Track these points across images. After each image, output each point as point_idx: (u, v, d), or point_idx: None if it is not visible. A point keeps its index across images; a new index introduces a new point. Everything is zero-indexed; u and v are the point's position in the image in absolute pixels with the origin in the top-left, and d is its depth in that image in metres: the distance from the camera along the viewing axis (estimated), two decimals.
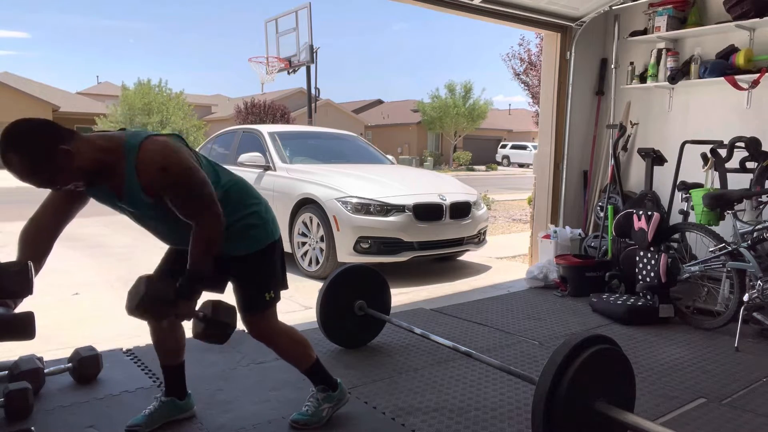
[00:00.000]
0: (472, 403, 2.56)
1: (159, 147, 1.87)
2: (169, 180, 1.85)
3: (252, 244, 2.14)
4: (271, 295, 2.18)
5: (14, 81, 29.63)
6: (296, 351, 2.32)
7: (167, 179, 1.85)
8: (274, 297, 2.20)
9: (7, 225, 7.32)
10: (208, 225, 1.93)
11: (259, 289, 2.17)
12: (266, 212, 2.20)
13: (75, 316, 3.87)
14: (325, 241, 4.99)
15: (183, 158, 1.89)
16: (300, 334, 2.36)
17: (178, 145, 1.94)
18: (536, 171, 5.68)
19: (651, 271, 3.87)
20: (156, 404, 2.31)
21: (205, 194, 1.92)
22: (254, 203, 2.17)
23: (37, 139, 1.73)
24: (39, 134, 1.74)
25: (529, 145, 35.35)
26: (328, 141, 6.94)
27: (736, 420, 2.43)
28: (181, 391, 2.36)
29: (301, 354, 2.33)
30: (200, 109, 34.11)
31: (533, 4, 4.86)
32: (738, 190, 3.74)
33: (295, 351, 2.32)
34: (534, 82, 19.21)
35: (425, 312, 4.06)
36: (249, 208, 2.14)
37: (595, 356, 1.91)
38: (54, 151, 1.73)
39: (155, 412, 2.29)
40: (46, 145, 1.73)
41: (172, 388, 2.35)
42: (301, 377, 2.66)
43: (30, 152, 1.71)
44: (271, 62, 13.44)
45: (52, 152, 1.73)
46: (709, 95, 4.69)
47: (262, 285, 2.17)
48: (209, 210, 1.92)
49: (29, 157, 1.71)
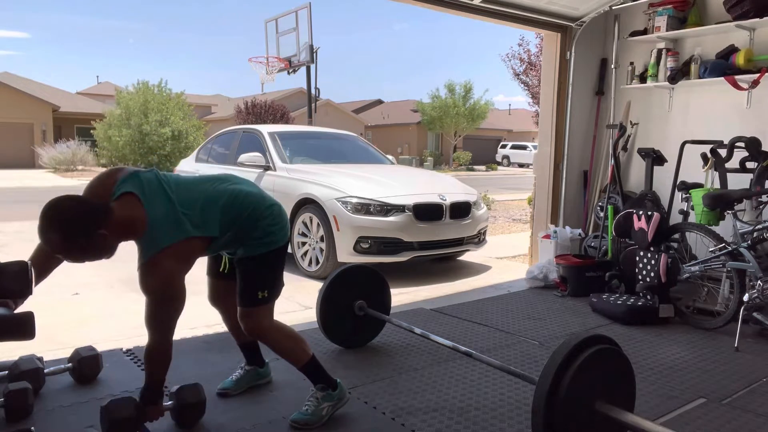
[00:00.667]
0: (472, 403, 2.56)
1: (160, 272, 1.99)
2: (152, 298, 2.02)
3: (253, 250, 2.25)
4: (264, 294, 2.26)
5: (14, 81, 29.60)
6: (289, 346, 2.36)
7: (148, 296, 2.02)
8: (268, 297, 2.28)
9: (8, 225, 7.33)
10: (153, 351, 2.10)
11: (254, 287, 2.26)
12: (275, 224, 2.27)
13: (75, 316, 3.87)
14: (325, 241, 4.99)
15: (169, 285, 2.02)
16: (293, 331, 2.42)
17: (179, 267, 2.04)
18: (536, 171, 5.68)
19: (651, 271, 3.87)
20: (241, 372, 2.67)
21: (165, 321, 2.06)
22: (264, 218, 2.24)
23: (77, 224, 1.86)
24: (80, 220, 1.87)
25: (529, 145, 35.35)
26: (328, 141, 6.94)
27: (736, 420, 2.43)
28: (260, 361, 2.71)
29: (294, 349, 2.37)
30: (200, 109, 34.08)
31: (533, 4, 4.85)
32: (738, 190, 3.74)
33: (288, 346, 2.36)
34: (534, 82, 19.22)
35: (425, 312, 4.06)
36: (258, 229, 2.22)
37: (595, 356, 1.91)
38: (92, 236, 1.89)
39: (241, 379, 2.65)
40: (84, 230, 1.87)
41: (252, 359, 2.69)
42: (301, 377, 2.66)
43: (69, 236, 1.86)
44: (271, 62, 13.43)
45: (89, 237, 1.88)
46: (709, 95, 4.69)
47: (257, 284, 2.26)
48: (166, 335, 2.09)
49: (68, 239, 1.86)
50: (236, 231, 2.20)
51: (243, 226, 2.21)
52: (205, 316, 3.46)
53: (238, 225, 2.19)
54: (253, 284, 2.26)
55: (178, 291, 2.05)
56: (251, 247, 2.25)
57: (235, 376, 2.66)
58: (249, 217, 2.21)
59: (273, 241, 2.26)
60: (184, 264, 2.07)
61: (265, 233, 2.24)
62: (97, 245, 1.92)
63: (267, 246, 2.26)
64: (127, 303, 4.19)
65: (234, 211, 2.19)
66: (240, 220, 2.19)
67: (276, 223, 2.28)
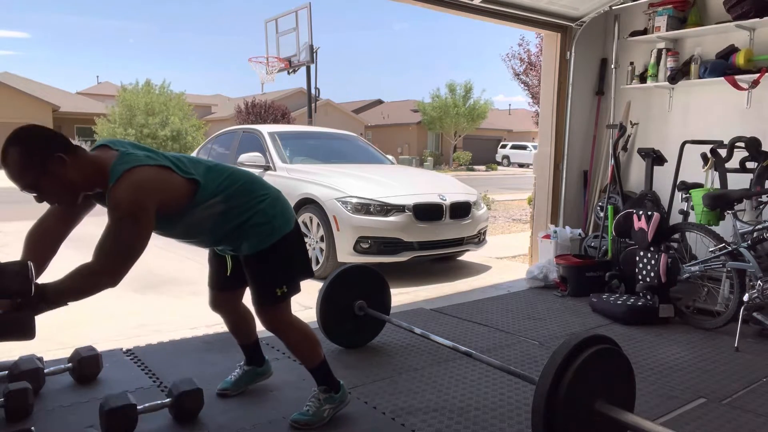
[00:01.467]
0: (472, 403, 2.56)
1: (129, 184, 1.83)
2: (115, 214, 1.82)
3: (256, 244, 2.15)
4: (283, 290, 2.20)
5: (14, 81, 29.63)
6: (306, 347, 2.33)
7: (114, 213, 1.82)
8: (287, 291, 2.22)
9: (7, 225, 7.33)
10: (95, 276, 1.82)
11: (269, 285, 2.19)
12: (272, 207, 2.18)
13: (75, 316, 3.87)
14: (325, 241, 4.99)
15: (139, 203, 1.83)
16: (311, 331, 2.37)
17: (152, 185, 1.88)
18: (536, 171, 5.67)
19: (651, 271, 3.87)
20: (239, 371, 2.65)
21: (121, 252, 1.83)
22: (259, 200, 2.15)
23: (38, 139, 1.80)
24: (41, 136, 1.81)
25: (529, 145, 35.36)
26: (328, 141, 6.94)
27: (736, 420, 2.43)
28: (259, 361, 2.68)
29: (310, 351, 2.34)
30: (200, 109, 34.10)
31: (533, 4, 4.85)
32: (738, 190, 3.74)
33: (305, 347, 2.33)
34: (534, 82, 19.21)
35: (425, 312, 4.06)
36: (253, 208, 2.13)
37: (595, 356, 1.91)
38: (49, 155, 1.78)
39: (240, 379, 2.63)
40: (43, 145, 1.79)
41: (251, 359, 2.67)
42: (301, 377, 2.67)
43: (27, 149, 1.76)
44: (271, 62, 13.44)
45: (47, 155, 1.78)
46: (709, 95, 4.69)
47: (271, 281, 2.18)
48: (109, 266, 1.83)
49: (26, 153, 1.76)
50: (226, 199, 2.07)
51: (234, 197, 2.09)
52: (205, 317, 3.46)
53: (228, 193, 2.08)
54: (270, 283, 2.19)
55: (147, 215, 1.84)
56: (253, 240, 2.14)
57: (234, 377, 2.65)
58: (242, 188, 2.12)
59: (273, 229, 2.15)
60: (160, 191, 1.89)
61: (265, 219, 2.14)
62: (55, 171, 1.79)
63: (269, 236, 2.15)
64: (127, 303, 4.19)
65: (226, 174, 2.12)
66: (232, 188, 2.09)
67: (273, 206, 2.18)
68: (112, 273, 1.83)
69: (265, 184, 2.27)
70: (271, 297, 2.19)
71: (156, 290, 4.62)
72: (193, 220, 2.06)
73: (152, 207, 1.87)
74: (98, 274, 1.82)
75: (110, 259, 1.83)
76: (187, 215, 2.03)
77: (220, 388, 2.60)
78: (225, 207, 2.08)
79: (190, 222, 2.06)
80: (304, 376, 2.65)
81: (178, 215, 2.02)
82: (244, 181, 2.16)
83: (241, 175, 2.19)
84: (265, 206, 2.16)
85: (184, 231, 2.13)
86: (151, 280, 4.84)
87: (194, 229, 2.12)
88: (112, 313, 3.97)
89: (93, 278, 1.82)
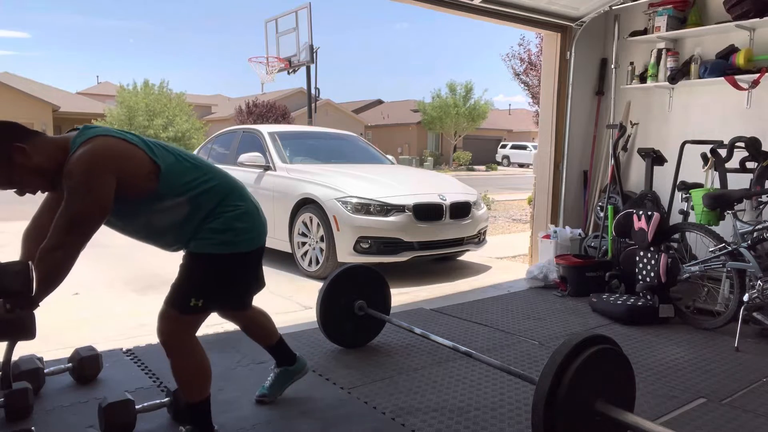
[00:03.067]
0: (472, 403, 2.56)
1: (84, 151, 1.76)
2: (68, 184, 1.75)
3: (203, 245, 1.98)
4: (197, 303, 1.96)
5: (14, 81, 29.62)
6: (192, 377, 2.04)
7: (67, 183, 1.75)
8: (200, 308, 1.98)
9: (8, 225, 7.33)
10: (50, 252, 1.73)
11: (187, 289, 1.98)
12: (237, 219, 2.01)
13: (75, 316, 3.87)
14: (325, 241, 4.99)
15: (93, 170, 1.74)
16: (209, 367, 2.07)
17: (109, 153, 1.80)
18: (536, 171, 5.68)
19: (651, 271, 3.87)
20: (273, 376, 2.54)
21: (75, 222, 1.73)
22: (228, 209, 2.00)
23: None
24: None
25: (529, 145, 35.35)
26: (328, 141, 6.94)
27: (736, 420, 2.43)
28: (289, 360, 2.56)
29: (197, 383, 2.05)
30: (200, 109, 34.12)
31: (533, 4, 4.85)
32: (738, 190, 3.74)
33: (191, 376, 2.04)
34: (534, 82, 19.20)
35: (425, 312, 4.06)
36: (217, 214, 1.98)
37: (595, 356, 1.91)
38: (8, 148, 1.74)
39: (275, 383, 2.53)
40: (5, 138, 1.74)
41: (281, 360, 2.55)
42: (303, 378, 2.66)
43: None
44: (271, 62, 13.44)
45: (5, 148, 1.74)
46: (709, 95, 4.69)
47: (191, 287, 1.98)
48: (62, 239, 1.73)
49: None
50: (192, 200, 1.93)
51: (201, 198, 1.94)
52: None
53: (195, 193, 1.93)
54: (189, 286, 1.97)
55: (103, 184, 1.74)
56: (202, 242, 1.97)
57: (269, 381, 2.54)
58: (213, 192, 1.97)
59: (232, 242, 1.98)
60: (117, 159, 1.79)
61: (225, 227, 1.96)
62: (18, 161, 1.75)
63: (221, 246, 1.97)
64: (127, 303, 4.20)
65: (201, 174, 1.97)
66: (200, 188, 1.94)
67: (244, 221, 2.01)
68: (67, 246, 1.74)
69: (245, 196, 2.08)
70: (182, 303, 1.96)
71: (156, 290, 4.62)
72: (156, 216, 1.94)
73: (109, 177, 1.76)
74: (53, 250, 1.73)
75: (63, 231, 1.73)
76: (149, 207, 1.91)
77: (258, 394, 2.50)
78: (189, 208, 1.94)
79: (152, 217, 1.94)
80: (305, 376, 2.66)
81: (139, 203, 1.89)
82: (218, 186, 2.00)
83: (218, 180, 2.03)
84: (230, 216, 1.99)
85: (146, 227, 1.99)
86: (152, 280, 4.83)
87: (156, 227, 1.98)
88: (112, 313, 3.97)
89: (50, 256, 1.73)
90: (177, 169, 1.93)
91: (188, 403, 2.08)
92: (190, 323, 2.02)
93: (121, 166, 1.81)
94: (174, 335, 1.99)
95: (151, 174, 1.87)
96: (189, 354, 2.03)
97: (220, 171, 2.10)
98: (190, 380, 2.05)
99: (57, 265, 1.75)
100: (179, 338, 2.00)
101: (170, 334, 1.98)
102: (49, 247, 1.74)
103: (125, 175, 1.81)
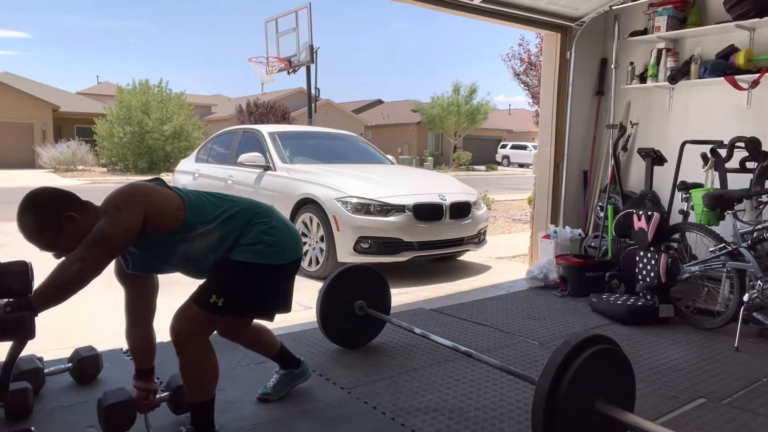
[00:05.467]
0: (472, 403, 2.56)
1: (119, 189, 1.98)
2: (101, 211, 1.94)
3: (237, 254, 2.08)
4: (218, 301, 2.02)
5: (14, 81, 29.58)
6: (201, 376, 2.08)
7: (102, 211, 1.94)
8: (220, 308, 2.03)
9: (8, 225, 7.33)
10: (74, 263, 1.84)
11: (212, 287, 2.06)
12: (266, 234, 2.11)
13: (75, 316, 3.87)
14: (325, 241, 4.99)
15: (125, 198, 1.95)
16: (217, 368, 2.13)
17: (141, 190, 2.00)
18: (536, 171, 5.68)
19: (651, 271, 3.87)
20: (277, 377, 2.59)
21: (103, 240, 1.88)
22: (258, 224, 2.13)
23: (48, 203, 1.91)
24: (51, 199, 1.92)
25: (529, 145, 35.35)
26: (328, 141, 6.94)
27: (736, 420, 2.43)
28: (293, 364, 2.62)
29: (204, 382, 2.09)
30: (200, 109, 34.09)
31: (533, 4, 4.85)
32: (738, 190, 3.74)
33: (199, 375, 2.08)
34: (534, 82, 19.21)
35: (425, 312, 4.06)
36: (247, 229, 2.11)
37: (595, 356, 1.91)
38: (61, 216, 1.89)
39: (279, 383, 2.57)
40: (54, 209, 1.89)
41: (285, 364, 2.60)
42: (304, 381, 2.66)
43: (40, 215, 1.88)
44: (271, 62, 13.44)
45: (59, 216, 1.89)
46: (709, 95, 4.69)
47: (216, 286, 2.06)
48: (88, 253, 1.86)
49: (39, 218, 1.87)
50: (220, 225, 2.06)
51: (230, 223, 2.08)
52: None
53: (224, 217, 2.07)
54: (215, 284, 2.06)
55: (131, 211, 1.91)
56: (237, 251, 2.07)
57: (273, 381, 2.58)
58: (240, 213, 2.11)
59: (264, 252, 2.08)
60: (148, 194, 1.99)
61: (256, 240, 2.08)
62: (68, 229, 1.90)
63: (256, 255, 2.07)
64: None
65: (226, 203, 2.14)
66: (227, 213, 2.09)
67: (272, 235, 2.11)
68: (86, 261, 1.85)
69: (272, 213, 2.20)
70: (204, 298, 2.03)
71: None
72: (191, 245, 2.05)
73: (138, 207, 1.94)
74: (72, 262, 1.84)
75: (85, 247, 1.86)
76: (183, 236, 2.03)
77: (260, 393, 2.54)
78: (220, 233, 2.06)
79: (188, 246, 2.05)
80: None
81: (174, 234, 2.01)
82: (245, 209, 2.14)
83: (245, 204, 2.18)
84: (259, 230, 2.10)
85: (185, 257, 2.08)
86: None
87: (194, 254, 2.08)
88: (111, 313, 3.97)
89: (73, 266, 1.84)
90: (202, 200, 2.11)
91: (192, 403, 2.11)
92: (205, 323, 2.08)
93: (151, 200, 1.99)
94: (187, 333, 2.04)
95: (180, 206, 2.03)
96: (199, 354, 2.07)
97: (245, 198, 2.26)
98: (196, 381, 2.08)
99: (76, 274, 1.85)
100: (192, 337, 2.05)
101: (183, 333, 2.04)
102: (70, 259, 1.86)
103: (155, 208, 1.98)
